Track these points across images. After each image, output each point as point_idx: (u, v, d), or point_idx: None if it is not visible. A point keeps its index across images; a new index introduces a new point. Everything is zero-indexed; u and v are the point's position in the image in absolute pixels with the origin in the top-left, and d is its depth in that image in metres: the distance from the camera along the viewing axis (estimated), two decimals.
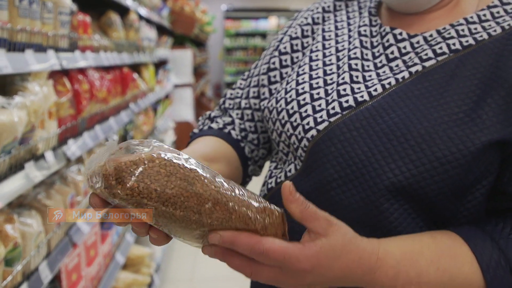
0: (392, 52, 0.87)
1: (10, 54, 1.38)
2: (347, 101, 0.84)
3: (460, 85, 0.78)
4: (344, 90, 0.86)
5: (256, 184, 1.06)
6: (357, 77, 0.87)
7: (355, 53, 0.90)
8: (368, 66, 0.88)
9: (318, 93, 0.88)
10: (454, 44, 0.82)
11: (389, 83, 0.83)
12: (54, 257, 1.67)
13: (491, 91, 0.77)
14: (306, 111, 0.87)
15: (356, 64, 0.88)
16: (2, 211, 1.41)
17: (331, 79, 0.90)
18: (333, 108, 0.84)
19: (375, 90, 0.83)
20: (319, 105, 0.86)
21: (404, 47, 0.86)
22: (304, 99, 0.89)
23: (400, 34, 0.87)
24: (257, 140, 1.04)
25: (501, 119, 0.75)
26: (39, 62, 1.55)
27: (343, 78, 0.87)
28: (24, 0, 1.44)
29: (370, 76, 0.86)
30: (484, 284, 0.73)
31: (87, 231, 1.98)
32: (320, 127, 0.84)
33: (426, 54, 0.83)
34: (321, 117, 0.85)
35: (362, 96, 0.83)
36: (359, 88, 0.85)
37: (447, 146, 0.74)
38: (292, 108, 0.89)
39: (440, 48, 0.83)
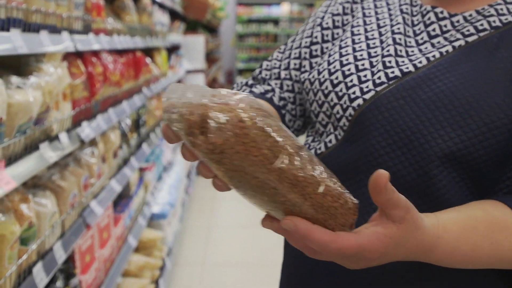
0: (433, 30, 0.90)
1: (25, 34, 1.38)
2: (393, 72, 0.86)
3: (505, 55, 0.81)
4: (390, 62, 0.88)
5: None
6: (400, 51, 0.89)
7: (398, 28, 0.92)
8: (410, 42, 0.91)
9: (363, 64, 0.90)
10: (494, 22, 0.85)
11: (434, 56, 0.85)
12: (68, 238, 1.69)
13: None
14: (351, 80, 0.89)
15: (400, 39, 0.91)
16: (17, 190, 1.42)
17: (375, 52, 0.92)
18: (379, 78, 0.87)
19: (420, 62, 0.85)
20: (365, 76, 0.88)
21: (445, 25, 0.89)
22: (349, 70, 0.91)
23: (441, 12, 0.90)
24: (295, 111, 1.06)
25: None
26: (53, 43, 1.56)
27: (388, 51, 0.89)
28: None
29: (412, 51, 0.89)
30: None
31: (100, 213, 1.99)
32: (367, 96, 0.86)
33: (468, 30, 0.86)
34: (367, 87, 0.87)
35: (407, 68, 0.86)
36: (403, 62, 0.87)
37: (495, 112, 0.77)
38: (337, 78, 0.91)
39: (481, 24, 0.85)
